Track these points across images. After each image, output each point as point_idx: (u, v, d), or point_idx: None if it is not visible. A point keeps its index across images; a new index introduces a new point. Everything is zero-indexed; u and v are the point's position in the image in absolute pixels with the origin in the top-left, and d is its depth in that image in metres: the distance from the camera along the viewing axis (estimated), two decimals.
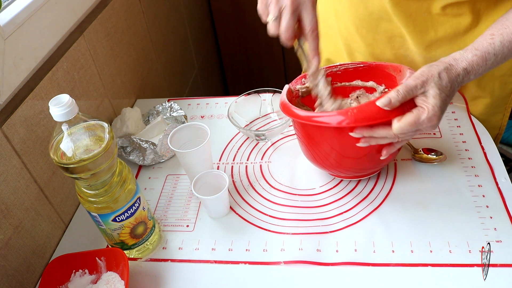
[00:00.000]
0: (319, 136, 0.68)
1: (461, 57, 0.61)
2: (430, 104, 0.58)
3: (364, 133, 0.61)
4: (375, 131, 0.61)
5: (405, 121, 0.58)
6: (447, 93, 0.59)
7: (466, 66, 0.61)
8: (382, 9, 0.79)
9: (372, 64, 0.75)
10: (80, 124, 0.57)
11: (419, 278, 0.62)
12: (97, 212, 0.62)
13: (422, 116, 0.58)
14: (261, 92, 0.93)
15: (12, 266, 0.66)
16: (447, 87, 0.59)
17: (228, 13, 1.76)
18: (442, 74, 0.59)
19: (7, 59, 0.67)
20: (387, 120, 0.60)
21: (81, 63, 0.85)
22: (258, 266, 0.67)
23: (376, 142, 0.62)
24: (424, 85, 0.59)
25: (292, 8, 0.61)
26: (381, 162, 0.69)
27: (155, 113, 0.96)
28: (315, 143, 0.70)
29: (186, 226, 0.75)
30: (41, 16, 0.75)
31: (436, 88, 0.58)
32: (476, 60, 0.61)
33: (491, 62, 0.62)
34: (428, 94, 0.58)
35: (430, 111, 0.58)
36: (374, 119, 0.60)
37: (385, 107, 0.59)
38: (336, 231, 0.70)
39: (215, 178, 0.75)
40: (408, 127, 0.58)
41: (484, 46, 0.62)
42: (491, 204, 0.70)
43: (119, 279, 0.64)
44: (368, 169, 0.73)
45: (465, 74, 0.61)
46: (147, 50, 1.16)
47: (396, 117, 0.59)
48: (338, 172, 0.76)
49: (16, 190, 0.67)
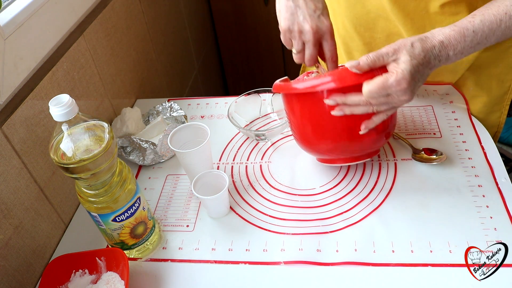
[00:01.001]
0: (301, 104, 0.69)
1: (438, 31, 0.62)
2: (400, 68, 0.58)
3: (337, 99, 0.63)
4: (347, 97, 0.62)
5: (373, 83, 0.59)
6: (419, 61, 0.59)
7: (442, 39, 0.61)
8: (380, 8, 0.80)
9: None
10: (80, 124, 0.57)
11: (419, 278, 0.62)
12: (97, 212, 0.62)
13: (390, 78, 0.58)
14: (261, 92, 0.93)
15: (12, 266, 0.66)
16: (420, 55, 0.59)
17: (228, 13, 1.77)
18: (415, 43, 0.60)
19: (7, 59, 0.67)
20: (357, 83, 0.61)
21: (81, 63, 0.85)
22: (258, 266, 0.67)
23: (350, 110, 0.63)
24: (396, 53, 0.59)
25: (313, 41, 0.67)
26: (367, 144, 0.69)
27: (155, 113, 0.96)
28: (298, 115, 0.71)
29: (186, 226, 0.75)
30: (41, 16, 0.75)
31: (408, 55, 0.59)
32: (453, 34, 0.61)
33: (470, 38, 0.62)
34: (399, 61, 0.59)
35: (398, 74, 0.58)
36: (345, 81, 0.62)
37: (354, 68, 0.60)
38: (336, 231, 0.70)
39: (215, 178, 0.75)
40: (377, 89, 0.59)
41: (464, 23, 0.62)
42: (491, 204, 0.70)
43: (119, 279, 0.64)
44: (353, 147, 0.71)
45: (441, 47, 0.61)
46: (147, 50, 1.16)
47: (366, 80, 0.60)
48: (323, 150, 0.74)
49: (16, 190, 0.67)
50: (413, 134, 0.83)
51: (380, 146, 0.75)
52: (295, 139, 0.77)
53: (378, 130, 0.67)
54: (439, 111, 0.87)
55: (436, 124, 0.85)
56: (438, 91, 0.91)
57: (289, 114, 0.74)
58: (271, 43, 1.82)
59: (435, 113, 0.87)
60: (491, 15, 0.62)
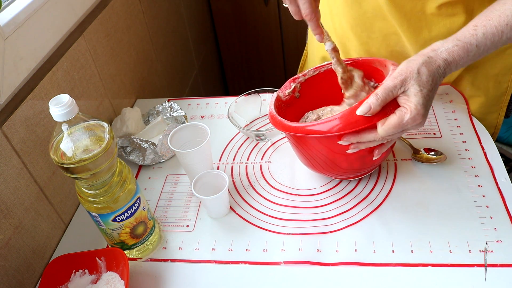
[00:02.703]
0: (310, 144, 0.68)
1: (441, 46, 0.60)
2: (413, 103, 0.57)
3: (351, 139, 0.61)
4: (361, 136, 0.61)
5: (389, 124, 0.58)
6: (428, 88, 0.58)
7: (446, 57, 0.59)
8: (377, 8, 0.80)
9: (358, 60, 0.75)
10: (80, 124, 0.56)
11: (419, 278, 0.62)
12: (97, 212, 0.62)
13: (405, 117, 0.57)
14: (261, 92, 0.93)
15: (12, 266, 0.66)
16: (428, 82, 0.58)
17: (228, 13, 1.76)
18: (421, 69, 0.58)
19: (7, 59, 0.67)
20: (370, 124, 0.59)
21: (81, 63, 0.85)
22: (258, 266, 0.67)
23: (365, 146, 0.63)
24: (404, 84, 0.58)
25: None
26: (376, 161, 0.69)
27: (155, 113, 0.96)
28: (307, 151, 0.70)
29: (186, 226, 0.75)
30: (41, 16, 0.75)
31: (417, 85, 0.57)
32: (457, 50, 0.60)
33: (473, 53, 0.61)
34: (409, 93, 0.57)
35: (413, 110, 0.57)
36: (358, 125, 0.59)
37: (366, 114, 0.58)
38: (336, 231, 0.70)
39: (215, 178, 0.75)
40: (393, 129, 0.58)
41: (467, 36, 0.61)
42: (491, 204, 0.70)
43: (119, 279, 0.64)
44: (364, 169, 0.73)
45: (446, 65, 0.59)
46: (147, 50, 1.16)
47: (380, 121, 0.59)
48: (333, 175, 0.76)
49: (16, 190, 0.67)
50: (413, 134, 0.83)
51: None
52: (302, 163, 0.77)
53: (389, 149, 0.68)
54: (439, 111, 0.87)
55: (436, 124, 0.85)
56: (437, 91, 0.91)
57: (295, 147, 0.73)
58: (271, 43, 1.82)
59: (435, 113, 0.87)
60: (493, 27, 0.61)
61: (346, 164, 0.69)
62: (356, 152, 0.64)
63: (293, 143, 0.72)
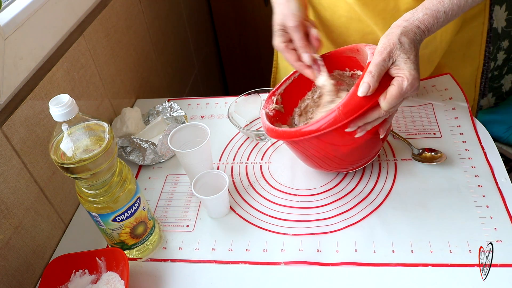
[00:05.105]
0: (317, 143, 0.67)
1: (412, 17, 0.62)
2: (406, 70, 0.59)
3: (358, 123, 0.62)
4: (367, 117, 0.62)
5: (391, 95, 0.59)
6: (414, 54, 0.60)
7: (418, 25, 0.62)
8: (351, 11, 0.81)
9: (328, 54, 0.75)
10: (80, 124, 0.57)
11: (419, 278, 0.62)
12: (97, 212, 0.62)
13: (404, 84, 0.59)
14: (261, 92, 0.93)
15: (12, 266, 0.66)
16: (411, 48, 0.60)
17: (228, 13, 1.76)
18: (401, 39, 0.60)
19: (7, 59, 0.67)
20: (374, 103, 0.60)
21: (81, 63, 0.85)
22: (258, 266, 0.67)
23: (371, 126, 0.64)
24: (391, 56, 0.60)
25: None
26: (381, 140, 0.70)
27: (155, 113, 0.96)
28: (315, 151, 0.69)
29: (186, 226, 0.75)
30: (41, 16, 0.75)
31: (403, 54, 0.59)
32: (427, 18, 0.62)
33: (442, 20, 0.63)
34: (398, 63, 0.60)
35: (408, 77, 0.59)
36: (361, 107, 0.60)
37: (368, 93, 0.60)
38: (336, 231, 0.70)
39: (215, 178, 0.75)
40: (396, 100, 0.59)
41: (434, 4, 0.63)
42: (491, 204, 0.70)
43: (119, 279, 0.64)
44: (370, 154, 0.73)
45: (419, 32, 0.62)
46: (147, 50, 1.16)
47: (381, 96, 0.60)
48: (341, 169, 0.76)
49: (16, 190, 0.67)
50: (413, 134, 0.83)
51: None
52: (307, 165, 0.77)
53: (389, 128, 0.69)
54: (439, 110, 0.87)
55: (436, 124, 0.84)
56: (437, 86, 0.91)
57: (301, 154, 0.73)
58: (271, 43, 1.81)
59: (435, 112, 0.87)
60: None
61: (356, 151, 0.69)
62: (363, 136, 0.64)
63: (299, 149, 0.71)
